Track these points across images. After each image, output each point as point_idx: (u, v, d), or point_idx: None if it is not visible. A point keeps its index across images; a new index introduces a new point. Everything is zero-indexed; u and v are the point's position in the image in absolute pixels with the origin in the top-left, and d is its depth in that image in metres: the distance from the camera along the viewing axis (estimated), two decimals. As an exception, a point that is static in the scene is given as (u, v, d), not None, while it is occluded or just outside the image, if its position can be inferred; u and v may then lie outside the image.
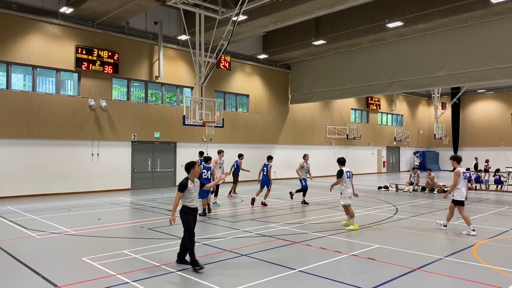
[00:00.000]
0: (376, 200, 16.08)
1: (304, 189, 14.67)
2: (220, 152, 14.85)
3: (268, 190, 14.57)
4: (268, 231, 9.79)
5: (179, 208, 6.89)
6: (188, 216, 6.86)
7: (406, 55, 20.97)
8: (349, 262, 7.25)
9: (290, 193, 15.57)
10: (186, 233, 6.79)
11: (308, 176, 14.93)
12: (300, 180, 14.75)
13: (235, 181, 17.56)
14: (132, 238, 9.44)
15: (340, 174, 10.36)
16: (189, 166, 6.97)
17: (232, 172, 17.33)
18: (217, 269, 6.78)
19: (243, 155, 17.74)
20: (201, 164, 16.11)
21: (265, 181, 14.54)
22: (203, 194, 12.13)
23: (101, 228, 10.24)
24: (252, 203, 14.31)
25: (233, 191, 17.50)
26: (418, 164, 36.32)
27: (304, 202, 14.66)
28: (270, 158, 14.82)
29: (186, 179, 6.89)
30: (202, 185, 7.33)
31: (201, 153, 17.43)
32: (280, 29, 21.97)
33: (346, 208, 10.44)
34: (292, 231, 9.86)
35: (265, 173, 14.55)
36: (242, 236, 9.36)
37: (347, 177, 10.35)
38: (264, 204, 14.19)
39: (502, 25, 17.68)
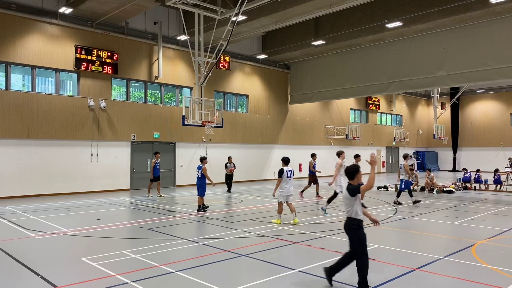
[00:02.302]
0: (375, 200, 16.08)
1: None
2: (340, 154, 12.83)
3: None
4: (268, 231, 9.78)
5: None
6: (362, 231, 5.78)
7: (406, 55, 20.98)
8: (349, 262, 7.23)
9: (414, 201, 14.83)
10: (363, 254, 5.71)
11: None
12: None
13: (313, 182, 16.92)
14: (132, 238, 9.43)
15: (280, 173, 10.64)
16: (355, 171, 5.77)
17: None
18: (217, 269, 6.78)
19: (315, 154, 17.49)
20: (157, 163, 17.12)
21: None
22: (202, 191, 12.85)
23: (101, 228, 10.23)
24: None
25: (317, 193, 16.97)
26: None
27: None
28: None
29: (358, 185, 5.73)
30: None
31: (155, 153, 17.66)
32: (280, 29, 21.98)
33: (279, 204, 10.86)
34: (292, 231, 9.85)
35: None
36: (242, 236, 9.35)
37: (287, 176, 10.63)
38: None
39: (501, 25, 17.71)
